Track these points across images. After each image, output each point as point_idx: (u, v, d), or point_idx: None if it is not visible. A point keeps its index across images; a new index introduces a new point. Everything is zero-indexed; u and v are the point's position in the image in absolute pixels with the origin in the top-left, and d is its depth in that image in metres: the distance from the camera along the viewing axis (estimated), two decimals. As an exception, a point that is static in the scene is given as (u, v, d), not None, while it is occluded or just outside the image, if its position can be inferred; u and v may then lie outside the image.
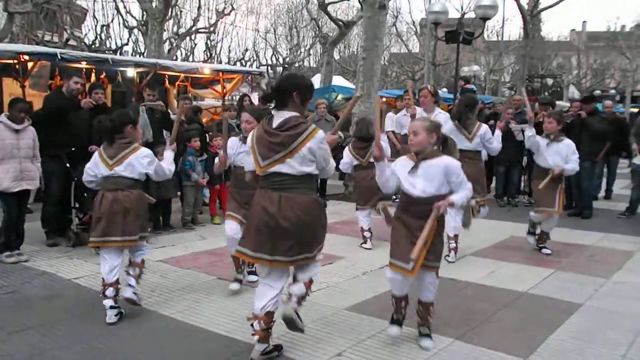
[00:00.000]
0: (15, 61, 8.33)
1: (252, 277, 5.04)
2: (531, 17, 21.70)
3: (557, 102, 15.96)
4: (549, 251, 6.40)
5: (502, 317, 4.45)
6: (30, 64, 8.51)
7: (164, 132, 7.79)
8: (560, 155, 6.15)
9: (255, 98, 14.49)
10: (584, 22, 54.10)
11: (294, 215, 3.41)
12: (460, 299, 4.86)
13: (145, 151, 4.43)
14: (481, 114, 11.81)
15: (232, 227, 4.77)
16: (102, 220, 4.23)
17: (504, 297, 4.93)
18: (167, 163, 4.57)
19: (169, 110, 9.41)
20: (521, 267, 5.73)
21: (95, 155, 4.42)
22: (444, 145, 3.88)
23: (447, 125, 5.84)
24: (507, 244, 6.93)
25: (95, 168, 4.38)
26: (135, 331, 4.08)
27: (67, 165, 6.39)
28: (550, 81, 38.60)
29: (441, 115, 6.72)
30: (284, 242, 3.44)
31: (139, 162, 4.34)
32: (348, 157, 6.65)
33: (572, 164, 6.18)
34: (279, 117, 3.47)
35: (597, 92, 34.61)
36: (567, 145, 6.21)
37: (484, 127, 6.13)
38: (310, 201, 3.50)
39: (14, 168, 5.74)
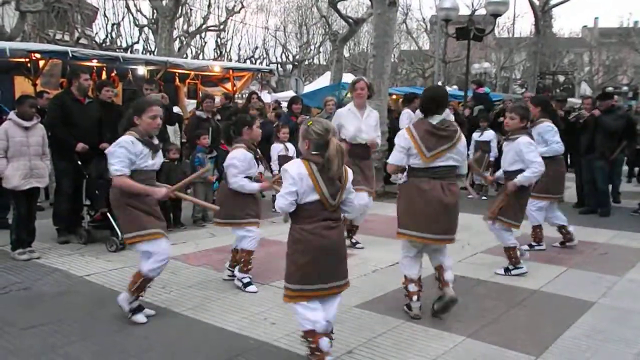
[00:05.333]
0: (27, 60, 8.40)
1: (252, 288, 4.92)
2: (542, 14, 21.52)
3: (569, 99, 15.85)
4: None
5: (514, 315, 4.42)
6: (41, 63, 8.58)
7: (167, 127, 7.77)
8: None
9: (264, 96, 14.50)
10: (596, 18, 53.80)
11: (453, 200, 4.21)
12: (472, 297, 4.83)
13: None
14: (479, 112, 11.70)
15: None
16: None
17: (516, 295, 4.90)
18: None
19: (178, 106, 9.45)
20: (533, 264, 5.68)
21: None
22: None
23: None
24: (519, 241, 6.85)
25: None
26: (146, 328, 4.09)
27: (79, 163, 6.41)
28: (561, 78, 38.34)
29: (373, 114, 6.39)
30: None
31: None
32: None
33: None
34: (435, 118, 4.27)
35: (610, 88, 34.30)
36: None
37: None
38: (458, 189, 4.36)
39: (23, 165, 5.77)
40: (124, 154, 3.99)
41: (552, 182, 6.32)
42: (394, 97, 16.05)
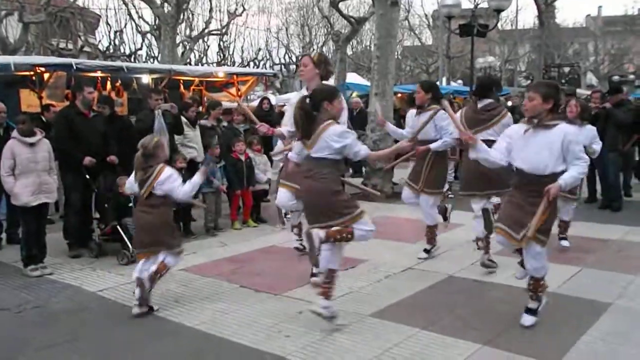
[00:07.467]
0: (32, 73, 8.41)
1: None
2: (546, 5, 21.37)
3: (577, 90, 15.71)
4: (567, 244, 6.40)
5: (530, 320, 4.37)
6: (46, 75, 8.59)
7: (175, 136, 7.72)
8: None
9: (272, 99, 14.47)
10: (600, 6, 52.95)
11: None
12: (486, 302, 4.79)
13: None
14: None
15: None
16: None
17: (531, 298, 4.84)
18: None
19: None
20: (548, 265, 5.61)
21: None
22: None
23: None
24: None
25: None
26: (161, 344, 4.08)
27: (87, 176, 6.41)
28: (567, 69, 38.10)
29: None
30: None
31: None
32: None
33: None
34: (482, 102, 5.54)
35: (616, 77, 34.01)
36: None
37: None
38: None
39: (32, 182, 5.77)
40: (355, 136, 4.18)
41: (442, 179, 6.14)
42: (399, 95, 15.98)
